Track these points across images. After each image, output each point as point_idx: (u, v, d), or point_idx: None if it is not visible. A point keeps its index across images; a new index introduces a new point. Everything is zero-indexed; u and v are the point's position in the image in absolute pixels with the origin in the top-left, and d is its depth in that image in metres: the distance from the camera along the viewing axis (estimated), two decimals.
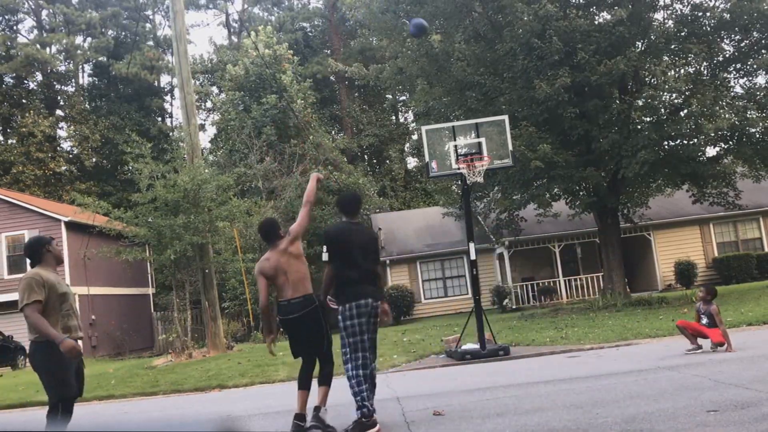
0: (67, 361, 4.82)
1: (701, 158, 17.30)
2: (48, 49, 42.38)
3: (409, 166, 42.71)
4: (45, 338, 4.85)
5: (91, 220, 19.06)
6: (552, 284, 23.95)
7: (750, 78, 17.67)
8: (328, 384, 5.90)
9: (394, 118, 44.50)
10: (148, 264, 26.96)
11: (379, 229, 27.05)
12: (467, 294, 23.58)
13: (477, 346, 10.51)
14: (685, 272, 22.71)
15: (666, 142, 17.19)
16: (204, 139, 43.56)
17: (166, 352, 17.75)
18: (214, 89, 43.70)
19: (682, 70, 17.49)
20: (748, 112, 16.59)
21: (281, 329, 6.16)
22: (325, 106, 41.93)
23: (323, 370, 5.93)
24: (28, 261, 5.35)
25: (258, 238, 23.65)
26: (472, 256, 10.85)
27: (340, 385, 6.41)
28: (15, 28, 44.46)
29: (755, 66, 16.94)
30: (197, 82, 43.33)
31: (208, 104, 43.95)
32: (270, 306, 6.02)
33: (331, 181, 30.16)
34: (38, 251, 5.22)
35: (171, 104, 48.44)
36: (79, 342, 5.10)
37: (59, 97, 42.95)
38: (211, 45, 53.50)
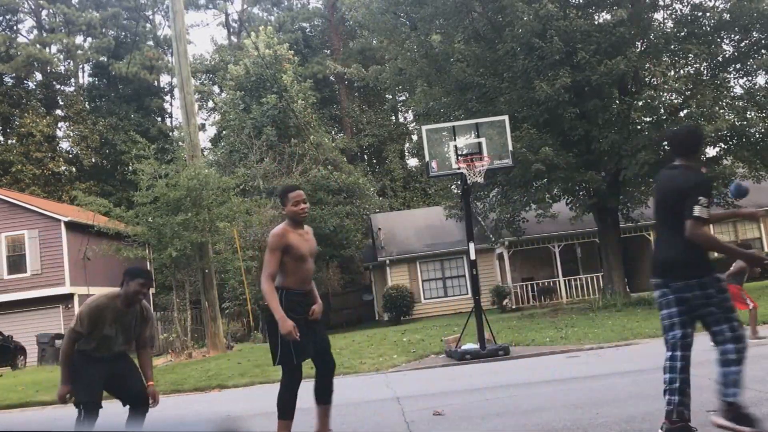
0: (85, 373, 5.01)
1: (701, 159, 17.30)
2: (48, 49, 42.38)
3: (409, 166, 42.72)
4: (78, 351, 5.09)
5: (91, 219, 19.06)
6: (552, 284, 23.95)
7: (750, 78, 17.68)
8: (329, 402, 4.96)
9: (393, 118, 44.50)
10: (148, 264, 26.96)
11: (379, 229, 27.06)
12: (467, 294, 23.58)
13: (477, 346, 10.51)
14: None
15: (665, 143, 17.20)
16: (204, 139, 43.58)
17: (165, 352, 17.75)
18: (216, 89, 43.70)
19: (682, 71, 17.51)
20: (748, 113, 16.60)
21: None
22: (325, 106, 41.93)
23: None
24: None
25: (258, 238, 23.68)
26: (472, 256, 10.85)
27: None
28: (15, 28, 44.49)
29: (755, 66, 16.94)
30: (198, 82, 43.33)
31: (210, 104, 43.93)
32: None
33: (331, 181, 30.18)
34: (122, 280, 5.11)
35: (171, 104, 48.51)
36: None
37: (59, 97, 42.95)
38: (213, 44, 53.45)
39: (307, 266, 4.78)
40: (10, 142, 39.50)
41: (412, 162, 42.91)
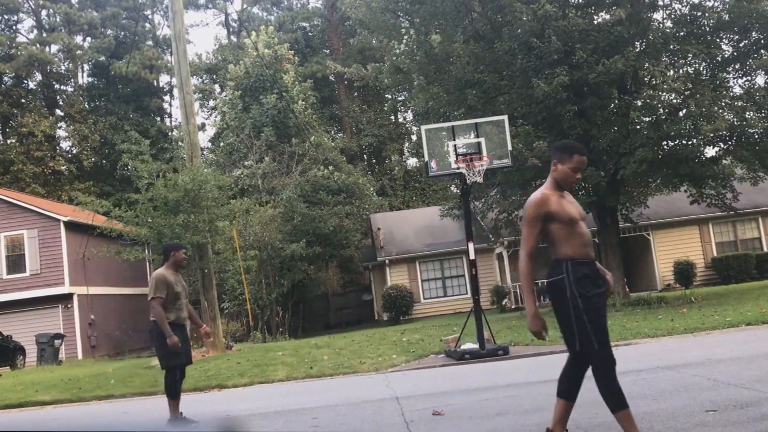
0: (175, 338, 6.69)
1: (700, 158, 17.31)
2: (48, 49, 42.38)
3: (409, 166, 42.72)
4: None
5: (90, 219, 19.05)
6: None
7: (749, 78, 17.68)
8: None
9: (393, 117, 44.53)
10: (148, 264, 26.96)
11: (378, 228, 27.07)
12: (466, 294, 23.58)
13: (476, 345, 10.51)
14: (684, 272, 22.71)
15: (665, 142, 17.20)
16: (204, 139, 43.58)
17: None
18: (216, 87, 43.69)
19: (681, 70, 17.50)
20: (747, 113, 16.60)
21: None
22: (325, 105, 41.94)
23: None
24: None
25: (257, 238, 23.69)
26: (472, 256, 10.85)
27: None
28: (14, 27, 44.48)
29: (754, 66, 16.94)
30: (198, 80, 43.32)
31: (210, 103, 43.90)
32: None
33: (331, 181, 30.19)
34: (167, 255, 6.96)
35: (170, 104, 48.48)
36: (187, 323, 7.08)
37: (58, 97, 42.94)
38: (216, 43, 53.25)
39: (582, 230, 4.10)
40: (9, 141, 39.49)
41: (412, 162, 42.93)
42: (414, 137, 40.68)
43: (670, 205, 23.80)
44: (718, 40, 17.22)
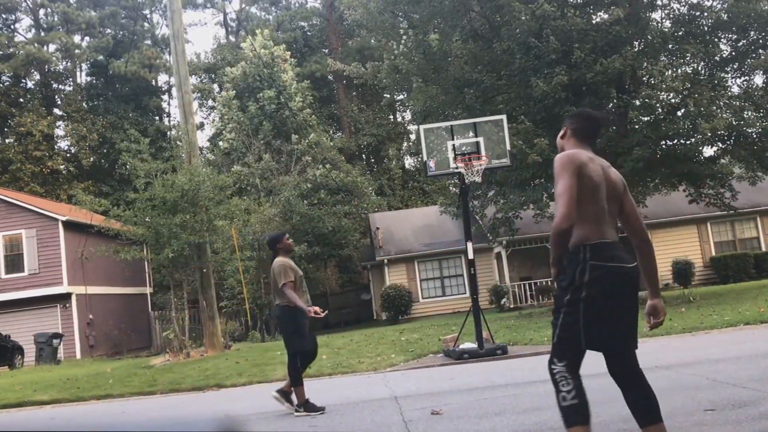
0: (304, 323, 6.84)
1: (698, 158, 17.32)
2: (46, 48, 42.33)
3: (408, 165, 42.71)
4: (294, 306, 6.75)
5: (88, 219, 19.04)
6: (550, 283, 23.96)
7: (747, 78, 17.70)
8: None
9: (391, 117, 44.51)
10: (146, 263, 26.93)
11: (377, 228, 27.06)
12: (465, 293, 23.59)
13: (475, 345, 10.52)
14: (682, 271, 22.72)
15: (663, 142, 17.21)
16: (203, 138, 43.54)
17: (163, 352, 17.73)
18: (215, 87, 43.66)
19: (680, 70, 17.52)
20: (745, 113, 16.62)
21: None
22: (323, 105, 41.93)
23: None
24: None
25: (256, 237, 23.69)
26: (470, 256, 10.86)
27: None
28: (12, 26, 44.42)
29: (753, 66, 16.96)
30: (197, 80, 43.26)
31: (209, 102, 43.85)
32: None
33: (330, 180, 30.21)
34: (275, 247, 7.11)
35: (169, 104, 48.42)
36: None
37: (56, 96, 42.88)
38: (215, 42, 53.19)
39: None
40: (8, 140, 39.45)
41: (411, 161, 42.91)
42: (413, 137, 40.69)
43: (668, 204, 23.81)
44: (716, 39, 17.23)
